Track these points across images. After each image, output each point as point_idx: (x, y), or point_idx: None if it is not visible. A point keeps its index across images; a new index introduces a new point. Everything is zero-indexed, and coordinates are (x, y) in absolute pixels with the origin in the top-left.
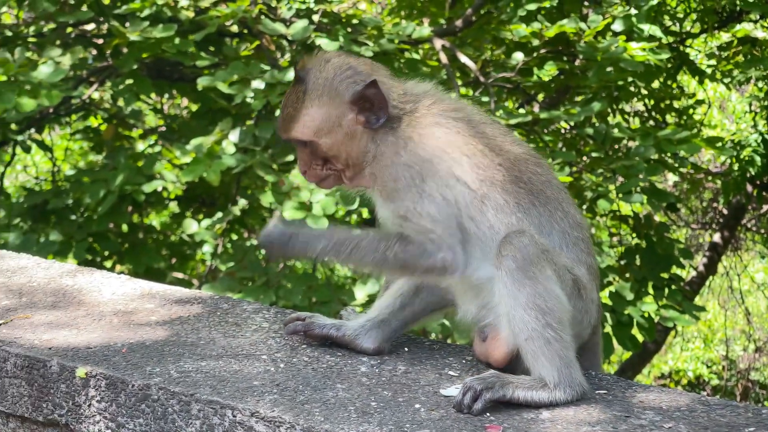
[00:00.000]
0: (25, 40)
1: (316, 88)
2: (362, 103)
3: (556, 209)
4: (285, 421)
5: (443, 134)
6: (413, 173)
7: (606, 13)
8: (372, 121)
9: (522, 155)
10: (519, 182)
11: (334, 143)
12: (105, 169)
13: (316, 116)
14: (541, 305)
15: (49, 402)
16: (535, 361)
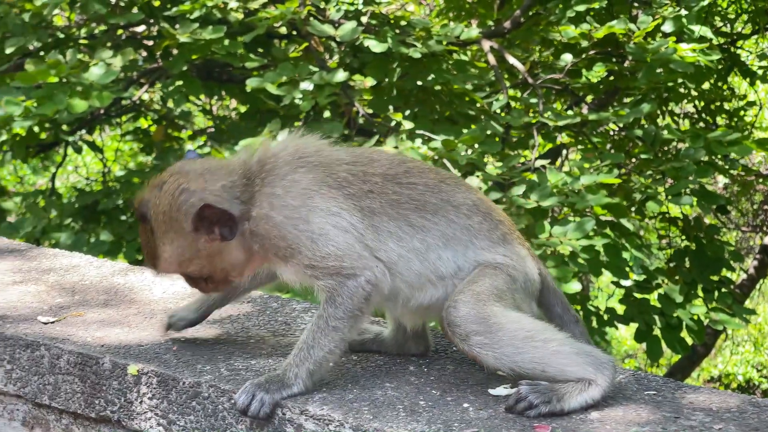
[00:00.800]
0: (76, 42)
1: (160, 226)
2: (206, 224)
3: (447, 211)
4: (334, 419)
5: (304, 176)
6: (295, 222)
7: (656, 14)
8: (225, 234)
9: (389, 173)
10: (399, 203)
11: (201, 267)
12: (155, 170)
13: (172, 252)
14: (520, 336)
15: (102, 398)
16: (563, 375)
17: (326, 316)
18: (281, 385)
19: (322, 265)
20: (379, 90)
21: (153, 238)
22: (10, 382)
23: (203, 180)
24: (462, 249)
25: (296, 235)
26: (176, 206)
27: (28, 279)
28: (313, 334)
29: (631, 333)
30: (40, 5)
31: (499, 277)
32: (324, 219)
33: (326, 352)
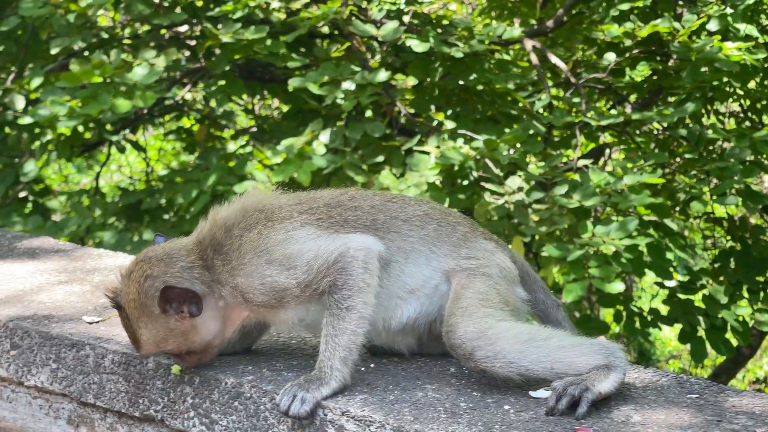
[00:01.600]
0: (120, 43)
1: (133, 313)
2: (174, 304)
3: (399, 226)
4: (375, 420)
5: (253, 234)
6: (263, 276)
7: (701, 12)
8: (193, 311)
9: (333, 202)
10: (348, 223)
11: (179, 344)
12: (197, 169)
13: (149, 335)
14: (521, 339)
15: (146, 398)
16: (574, 367)
17: (336, 302)
18: (320, 382)
19: (311, 277)
20: (421, 89)
21: (130, 325)
22: (55, 381)
23: (164, 264)
24: (424, 260)
25: (270, 276)
26: (143, 292)
27: (74, 279)
28: (333, 325)
29: (675, 334)
30: (85, 6)
31: (476, 281)
32: (284, 246)
33: (350, 335)
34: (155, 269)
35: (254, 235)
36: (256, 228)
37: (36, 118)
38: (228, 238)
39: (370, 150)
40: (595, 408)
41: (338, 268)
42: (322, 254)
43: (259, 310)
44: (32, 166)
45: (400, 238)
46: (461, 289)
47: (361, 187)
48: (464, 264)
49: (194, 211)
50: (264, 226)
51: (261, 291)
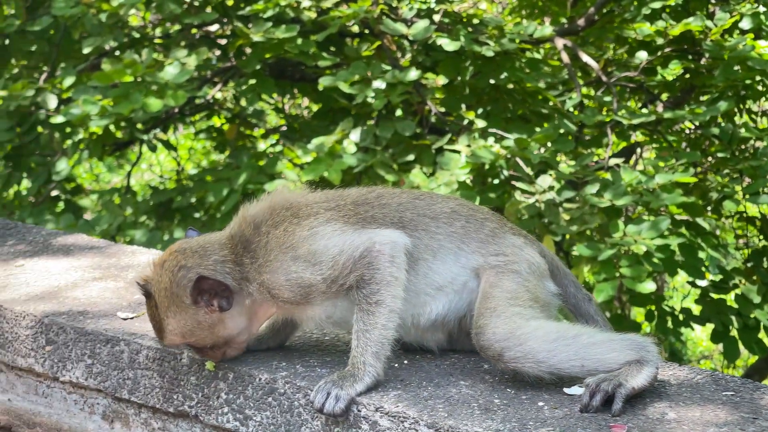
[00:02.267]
0: (151, 42)
1: (163, 301)
2: (205, 296)
3: (426, 223)
4: (409, 416)
5: (280, 230)
6: (289, 259)
7: (733, 10)
8: (223, 305)
9: (360, 200)
10: (375, 220)
11: (204, 337)
12: (228, 168)
13: (176, 325)
14: (550, 338)
15: (180, 393)
16: (605, 364)
17: (365, 297)
18: (354, 379)
19: (337, 272)
20: (452, 88)
21: (158, 313)
22: (90, 377)
23: (198, 256)
24: (452, 257)
25: (298, 277)
26: (176, 282)
27: (108, 275)
28: (363, 320)
29: (708, 334)
30: (116, 5)
31: (505, 279)
32: (309, 242)
33: (381, 329)
34: (189, 260)
35: (280, 232)
36: (283, 225)
37: (68, 117)
38: (256, 235)
39: (400, 149)
40: (629, 405)
41: (365, 262)
42: (348, 249)
43: (285, 306)
44: (64, 165)
45: (428, 235)
46: (489, 288)
47: (392, 186)
48: (492, 261)
49: (225, 209)
50: (290, 223)
51: (287, 287)
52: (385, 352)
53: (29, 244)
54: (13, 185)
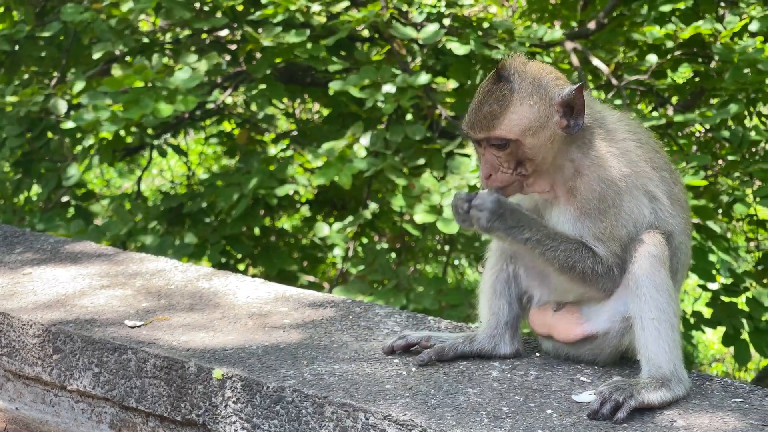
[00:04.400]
0: (161, 47)
1: (525, 87)
2: (566, 107)
3: (684, 207)
4: (417, 425)
5: (635, 148)
6: (617, 190)
7: (743, 13)
8: (572, 126)
9: (664, 164)
10: (673, 190)
11: (536, 144)
12: (238, 173)
13: (527, 115)
14: (671, 292)
15: (187, 402)
16: (656, 345)
17: (583, 257)
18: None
19: (608, 244)
20: (462, 92)
21: (508, 99)
22: (98, 385)
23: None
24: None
25: (609, 204)
26: (549, 78)
27: (116, 283)
28: (561, 245)
29: (719, 337)
30: (126, 11)
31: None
32: (634, 205)
33: (548, 259)
34: (556, 72)
35: (630, 157)
36: (636, 151)
37: (78, 122)
38: (605, 128)
39: (410, 153)
40: (638, 412)
41: (603, 267)
42: (621, 252)
43: (576, 200)
44: (74, 171)
45: (683, 218)
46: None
47: (403, 190)
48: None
49: (235, 214)
50: (640, 157)
51: (597, 195)
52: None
53: (37, 251)
54: (23, 191)
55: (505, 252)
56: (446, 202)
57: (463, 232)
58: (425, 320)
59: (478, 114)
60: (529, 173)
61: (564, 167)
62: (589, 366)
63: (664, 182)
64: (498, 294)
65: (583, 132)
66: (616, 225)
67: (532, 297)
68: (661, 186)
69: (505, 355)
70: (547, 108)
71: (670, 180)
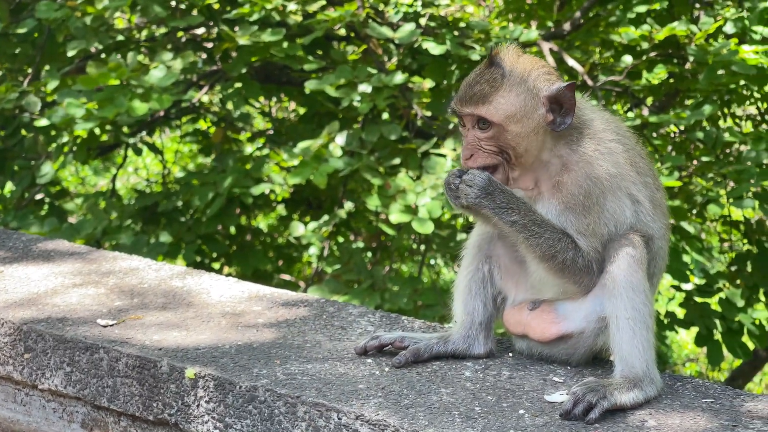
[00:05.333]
0: (137, 45)
1: (515, 76)
2: (554, 102)
3: (665, 214)
4: (390, 425)
5: (622, 151)
6: (602, 189)
7: (717, 15)
8: (557, 123)
9: (648, 170)
10: (655, 196)
11: (519, 132)
12: (214, 171)
13: (514, 102)
14: (647, 293)
15: (159, 401)
16: (631, 345)
17: (565, 248)
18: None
19: (590, 240)
20: (438, 92)
21: (499, 83)
22: (69, 384)
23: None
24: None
25: (594, 202)
26: (539, 72)
27: (88, 282)
28: (546, 232)
29: (692, 337)
30: (101, 8)
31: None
32: (616, 205)
33: (531, 245)
34: (548, 67)
35: (616, 158)
36: (622, 153)
37: (52, 120)
38: (591, 128)
39: (386, 152)
40: (610, 413)
41: (583, 260)
42: (601, 249)
43: (561, 194)
44: (48, 169)
45: (662, 220)
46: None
47: (378, 189)
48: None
49: (210, 213)
50: (626, 159)
51: (583, 191)
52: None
53: (9, 250)
54: None
55: (482, 250)
56: (422, 202)
57: (438, 232)
58: (399, 320)
59: (468, 91)
60: (512, 161)
61: (550, 163)
62: (562, 366)
63: (647, 187)
64: (473, 294)
65: (572, 130)
66: (599, 223)
67: (506, 297)
68: (643, 191)
69: (479, 356)
70: (534, 100)
71: (653, 186)
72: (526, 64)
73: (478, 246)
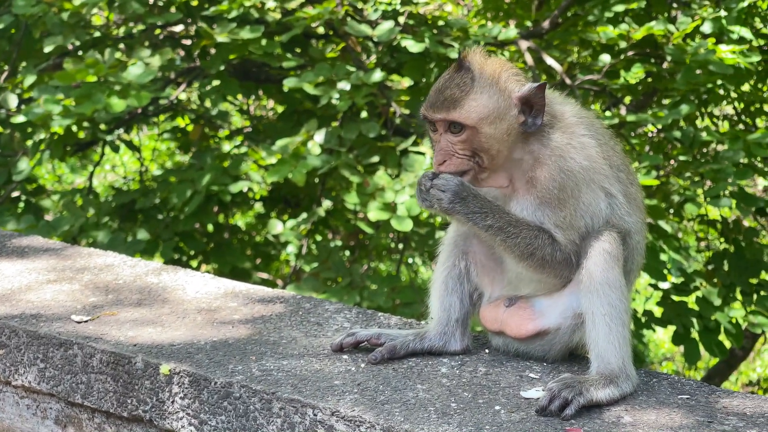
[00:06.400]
0: (115, 42)
1: (485, 78)
2: (525, 103)
3: (640, 208)
4: (365, 421)
5: (595, 145)
6: (576, 182)
7: (695, 14)
8: (528, 123)
9: (622, 164)
10: (629, 190)
11: (492, 134)
12: (192, 169)
13: (486, 104)
14: (623, 290)
15: (134, 398)
16: (607, 341)
17: (543, 244)
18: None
19: (567, 233)
20: (417, 90)
21: (469, 87)
22: (43, 381)
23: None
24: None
25: (569, 195)
26: (509, 73)
27: (63, 278)
28: (522, 231)
29: (669, 336)
30: (78, 4)
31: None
32: (592, 197)
33: (508, 246)
34: (516, 68)
35: (589, 151)
36: (595, 146)
37: (29, 116)
38: (563, 122)
39: (365, 150)
40: (586, 409)
41: (562, 253)
42: (579, 241)
43: (535, 190)
44: (25, 165)
45: (639, 214)
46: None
47: (357, 187)
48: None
49: (188, 210)
50: (599, 152)
51: (557, 185)
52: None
53: None
54: None
55: (458, 247)
56: (400, 200)
57: (417, 230)
58: (375, 316)
59: (439, 97)
60: (484, 164)
61: (523, 160)
62: (538, 363)
63: (620, 182)
64: (450, 290)
65: (544, 125)
66: (575, 215)
67: (482, 294)
68: (616, 185)
69: (455, 352)
70: (506, 101)
71: (626, 180)
72: (495, 66)
73: (455, 242)
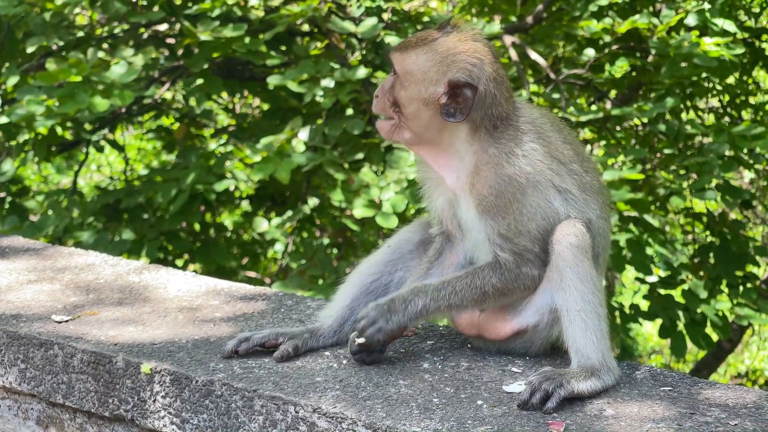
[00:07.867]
0: (98, 41)
1: (441, 46)
2: (454, 91)
3: (598, 192)
4: (347, 417)
5: (542, 150)
6: (515, 187)
7: (679, 7)
8: (444, 112)
9: (574, 156)
10: (584, 179)
11: (410, 96)
12: (177, 168)
13: (421, 64)
14: (595, 282)
15: (115, 397)
16: (584, 337)
17: (485, 279)
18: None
19: (515, 240)
20: None
21: (425, 43)
22: (24, 382)
23: (494, 73)
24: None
25: (509, 200)
26: (464, 59)
27: (43, 278)
28: (457, 285)
29: (656, 329)
30: (61, 4)
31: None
32: (538, 199)
33: (458, 306)
34: (487, 67)
35: (535, 156)
36: (542, 150)
37: (12, 117)
38: (513, 126)
39: (349, 147)
40: (568, 402)
41: (509, 271)
42: (533, 246)
43: (474, 194)
44: (9, 166)
45: (596, 204)
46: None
47: (342, 185)
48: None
49: (173, 210)
50: (545, 155)
51: (494, 191)
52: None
53: None
54: None
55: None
56: (385, 197)
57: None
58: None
59: (404, 41)
60: (404, 122)
61: (465, 159)
62: (521, 357)
63: (573, 174)
64: (363, 294)
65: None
66: (521, 219)
67: None
68: (569, 179)
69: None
70: (438, 75)
71: (580, 170)
72: (464, 47)
73: (399, 250)
